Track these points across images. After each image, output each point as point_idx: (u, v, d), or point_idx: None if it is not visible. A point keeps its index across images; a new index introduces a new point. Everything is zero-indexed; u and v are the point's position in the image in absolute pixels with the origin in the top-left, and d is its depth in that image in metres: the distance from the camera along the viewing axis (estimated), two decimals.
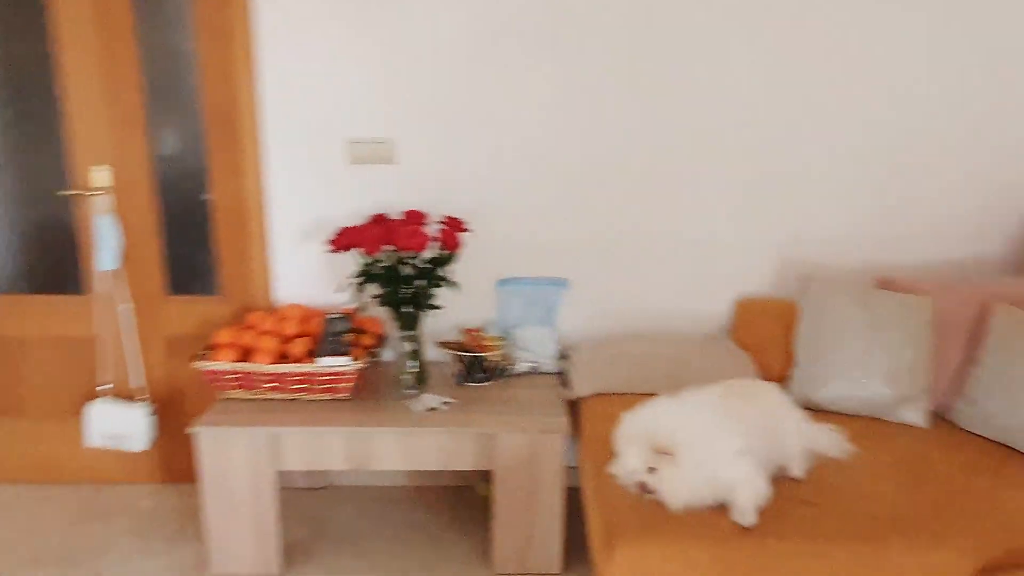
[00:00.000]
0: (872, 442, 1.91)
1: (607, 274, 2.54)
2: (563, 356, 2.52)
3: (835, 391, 2.09)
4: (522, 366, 2.46)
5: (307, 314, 2.33)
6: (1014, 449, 1.89)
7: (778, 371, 2.26)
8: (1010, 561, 1.50)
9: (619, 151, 2.43)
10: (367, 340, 2.28)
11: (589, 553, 2.27)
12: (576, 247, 2.52)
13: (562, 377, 2.44)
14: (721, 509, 1.60)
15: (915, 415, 2.05)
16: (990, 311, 2.09)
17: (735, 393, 1.78)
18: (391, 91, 2.38)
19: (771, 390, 1.85)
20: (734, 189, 2.46)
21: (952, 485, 1.72)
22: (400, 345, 2.24)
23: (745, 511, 1.56)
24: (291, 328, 2.25)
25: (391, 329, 2.38)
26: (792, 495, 1.65)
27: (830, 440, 1.86)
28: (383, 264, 2.16)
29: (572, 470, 2.53)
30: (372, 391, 2.28)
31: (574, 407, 2.29)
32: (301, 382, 2.17)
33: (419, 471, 2.68)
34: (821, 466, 1.79)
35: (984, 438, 1.96)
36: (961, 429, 2.02)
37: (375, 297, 2.17)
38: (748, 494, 1.59)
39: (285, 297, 2.55)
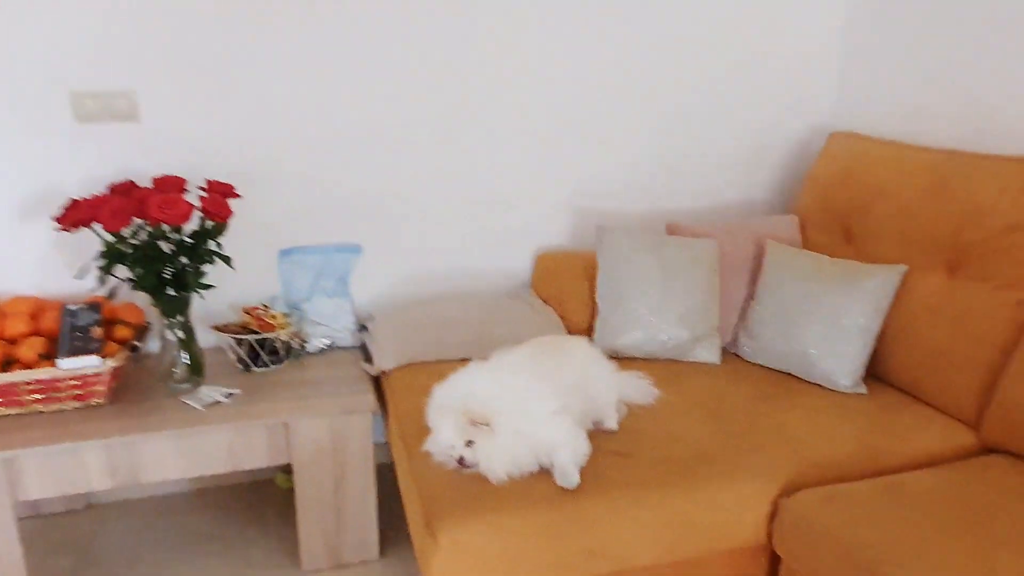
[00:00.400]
0: (674, 384, 1.96)
1: (402, 237, 2.37)
2: (362, 328, 2.32)
3: (635, 337, 2.12)
4: (316, 343, 2.23)
5: (38, 308, 1.90)
6: (792, 375, 2.05)
7: (582, 323, 2.25)
8: (804, 482, 1.60)
9: (406, 107, 2.24)
10: (123, 332, 1.92)
11: (409, 531, 2.15)
12: (366, 209, 2.31)
13: (363, 351, 2.25)
14: (543, 474, 1.53)
15: (709, 353, 2.14)
16: (764, 249, 2.23)
17: (545, 351, 1.72)
18: (128, 32, 1.97)
19: (580, 344, 1.82)
20: (526, 142, 2.38)
21: (747, 416, 1.81)
22: (167, 334, 1.91)
23: (567, 473, 1.51)
24: (17, 327, 1.82)
25: (154, 316, 2.02)
26: (606, 448, 1.63)
27: (639, 388, 1.87)
28: (135, 241, 1.80)
29: (381, 446, 2.37)
30: (136, 392, 1.93)
31: (379, 382, 2.11)
32: (38, 391, 1.77)
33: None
34: (633, 415, 1.79)
35: (767, 368, 2.10)
36: (747, 362, 2.15)
37: (127, 281, 1.81)
38: (569, 455, 1.54)
39: (7, 289, 2.07)
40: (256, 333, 2.06)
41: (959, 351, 1.79)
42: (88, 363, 1.75)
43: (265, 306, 2.15)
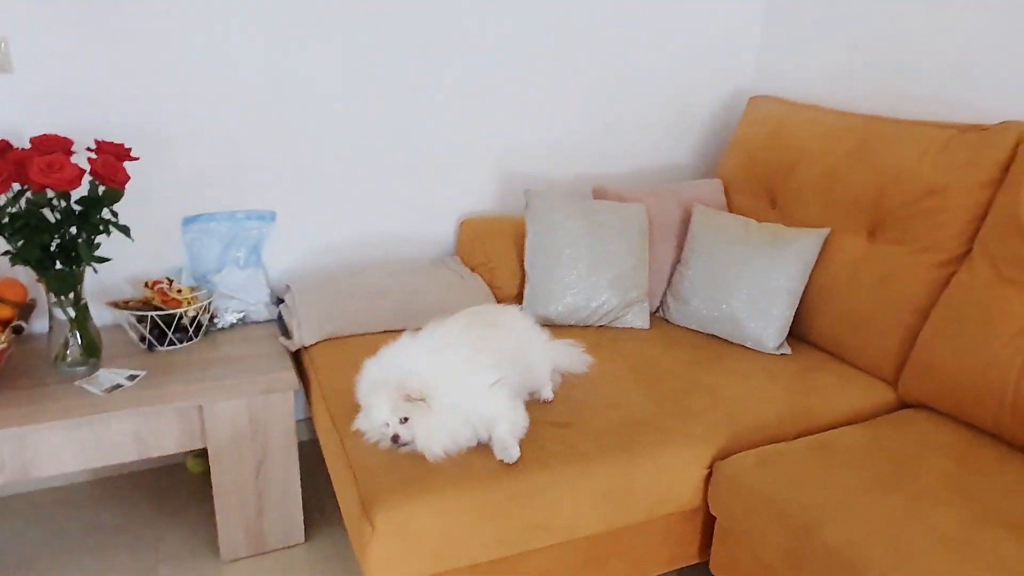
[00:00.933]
0: (606, 351, 1.94)
1: (319, 202, 2.23)
2: (278, 300, 2.18)
3: (566, 305, 2.08)
4: (228, 318, 2.07)
5: None
6: (720, 338, 2.06)
7: (511, 290, 2.19)
8: (738, 444, 1.61)
9: (325, 64, 2.08)
10: (3, 312, 1.71)
11: (337, 510, 2.06)
12: (280, 173, 2.15)
13: (280, 325, 2.11)
14: (482, 449, 1.48)
15: (639, 319, 2.13)
16: (690, 214, 2.22)
17: (479, 322, 1.65)
18: None
19: (513, 314, 1.76)
20: (451, 104, 2.28)
21: (680, 381, 1.80)
22: (55, 312, 1.72)
23: (507, 446, 1.46)
24: None
25: (40, 293, 1.81)
26: (544, 419, 1.58)
27: (572, 356, 1.84)
28: (13, 210, 1.60)
29: (300, 422, 2.27)
30: (23, 378, 1.73)
31: (298, 358, 1.99)
32: None
33: None
34: (567, 384, 1.76)
35: (695, 331, 2.11)
36: (676, 326, 2.15)
37: (6, 254, 1.60)
38: (508, 428, 1.49)
39: None
40: (160, 309, 1.89)
41: (879, 312, 1.84)
42: None
43: (169, 280, 1.97)
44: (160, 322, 1.88)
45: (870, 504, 1.37)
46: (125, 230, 1.69)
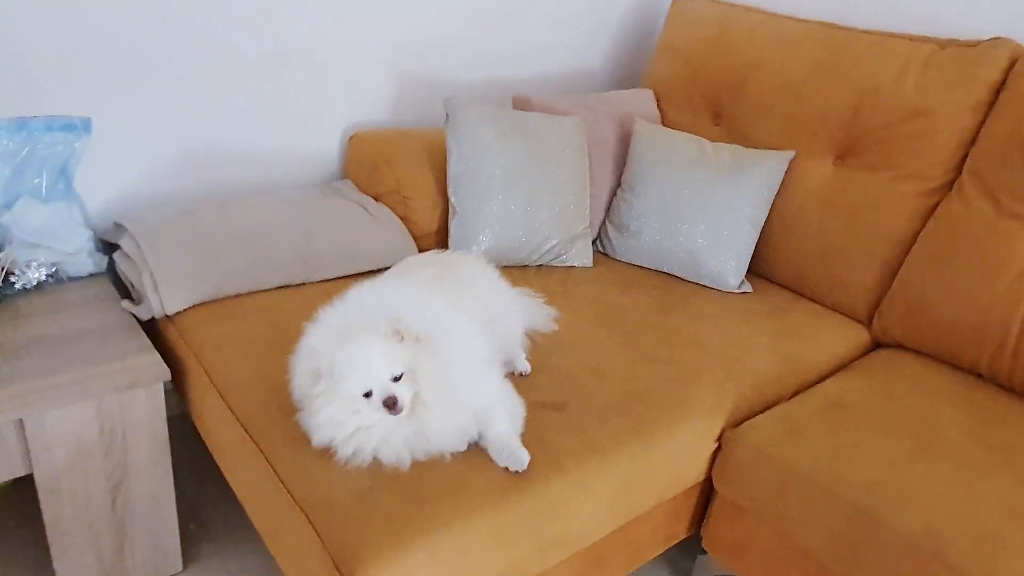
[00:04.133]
0: (559, 298, 1.61)
1: (155, 105, 1.60)
2: (107, 247, 1.56)
3: (503, 242, 1.70)
4: (31, 275, 1.43)
5: None
6: (671, 275, 1.82)
7: (429, 225, 1.76)
8: (747, 408, 1.40)
9: None
10: None
11: (220, 515, 1.58)
12: (97, 62, 1.49)
13: (113, 281, 1.51)
14: (471, 455, 1.10)
15: (583, 256, 1.81)
16: (629, 129, 1.91)
17: (447, 275, 1.24)
18: None
19: (478, 264, 1.36)
20: None
21: (657, 334, 1.53)
22: None
23: (512, 449, 1.09)
24: None
25: None
26: (532, 399, 1.22)
27: (537, 311, 1.49)
28: None
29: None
30: None
31: (156, 332, 1.43)
32: None
33: None
34: (536, 347, 1.41)
35: (642, 268, 1.84)
36: (619, 262, 1.87)
37: None
38: (508, 422, 1.12)
39: None
40: None
41: (853, 246, 1.69)
42: None
43: None
44: None
45: (923, 478, 1.21)
46: None
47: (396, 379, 1.02)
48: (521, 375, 1.32)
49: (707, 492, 1.45)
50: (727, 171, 1.76)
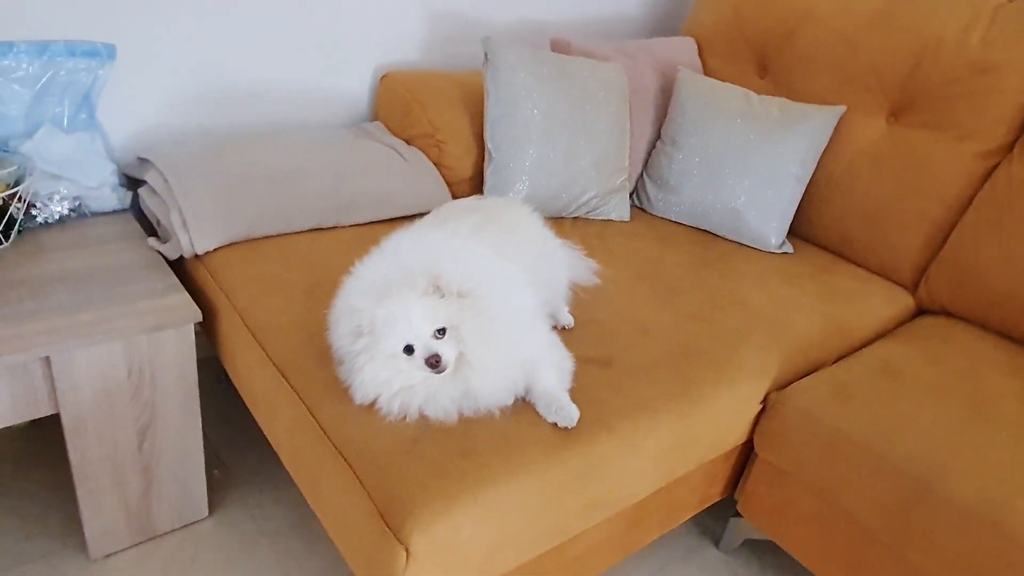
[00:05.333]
0: (598, 251, 1.55)
1: (180, 36, 1.52)
2: (131, 182, 1.50)
3: (540, 192, 1.64)
4: (54, 208, 1.38)
5: None
6: (711, 232, 1.76)
7: (464, 172, 1.69)
8: (792, 369, 1.35)
9: None
10: None
11: (246, 461, 1.55)
12: None
13: (138, 218, 1.46)
14: (518, 411, 1.06)
15: (620, 209, 1.75)
16: (672, 79, 1.83)
17: (492, 222, 1.18)
18: None
19: (524, 212, 1.30)
20: None
21: (700, 291, 1.48)
22: None
23: (562, 404, 1.05)
24: None
25: None
26: (578, 354, 1.17)
27: (580, 264, 1.43)
28: None
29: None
30: None
31: (184, 272, 1.38)
32: None
33: None
34: (579, 301, 1.36)
35: (683, 225, 1.78)
36: (657, 218, 1.80)
37: None
38: (555, 376, 1.08)
39: None
40: None
41: (902, 207, 1.62)
42: None
43: None
44: None
45: (979, 447, 1.17)
46: None
47: (439, 333, 0.97)
48: (564, 328, 1.27)
49: (744, 455, 1.41)
50: (774, 126, 1.68)
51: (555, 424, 1.04)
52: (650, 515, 1.30)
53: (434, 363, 0.95)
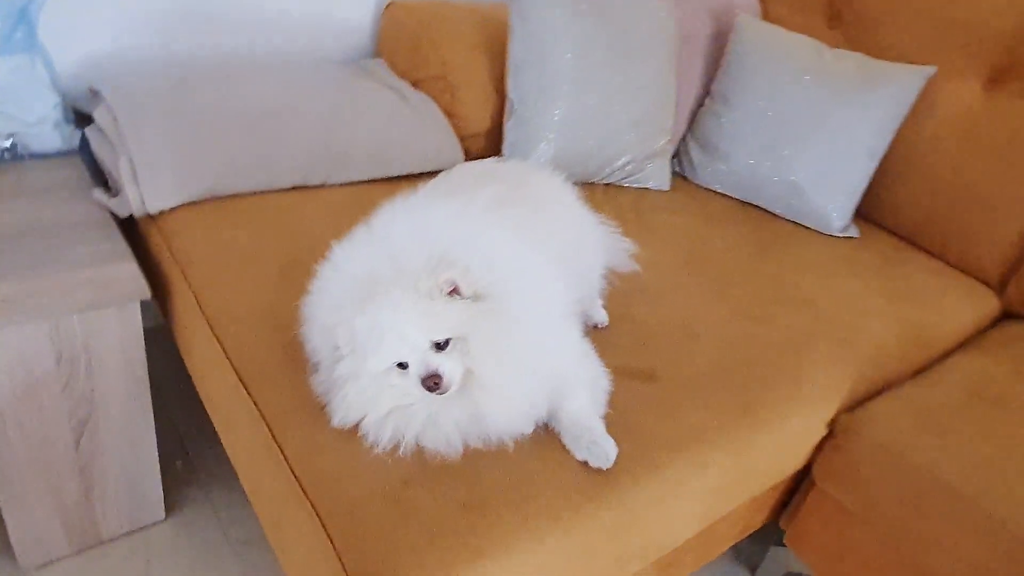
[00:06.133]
0: (636, 228, 1.31)
1: None
2: (78, 117, 1.25)
3: (569, 151, 1.39)
4: None
5: None
6: (764, 208, 1.51)
7: (480, 122, 1.43)
8: (864, 387, 1.12)
9: None
10: None
11: (208, 451, 1.34)
12: None
13: (87, 162, 1.21)
14: (538, 439, 0.83)
15: (659, 177, 1.50)
16: (727, 24, 1.56)
17: (515, 196, 0.93)
18: None
19: (556, 183, 1.05)
20: None
21: (752, 283, 1.25)
22: None
23: (596, 439, 0.83)
24: None
25: None
26: (615, 364, 0.94)
27: (615, 247, 1.18)
28: None
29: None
30: None
31: (135, 232, 1.14)
32: None
33: None
34: (615, 291, 1.12)
35: (728, 197, 1.53)
36: (701, 187, 1.56)
37: None
38: (589, 398, 0.85)
39: None
40: None
41: (996, 192, 1.38)
42: None
43: None
44: None
45: None
46: None
47: (440, 346, 0.73)
48: (597, 327, 1.04)
49: (796, 479, 1.20)
50: (849, 87, 1.42)
51: (585, 462, 0.82)
52: (686, 555, 1.09)
53: (432, 385, 0.72)
